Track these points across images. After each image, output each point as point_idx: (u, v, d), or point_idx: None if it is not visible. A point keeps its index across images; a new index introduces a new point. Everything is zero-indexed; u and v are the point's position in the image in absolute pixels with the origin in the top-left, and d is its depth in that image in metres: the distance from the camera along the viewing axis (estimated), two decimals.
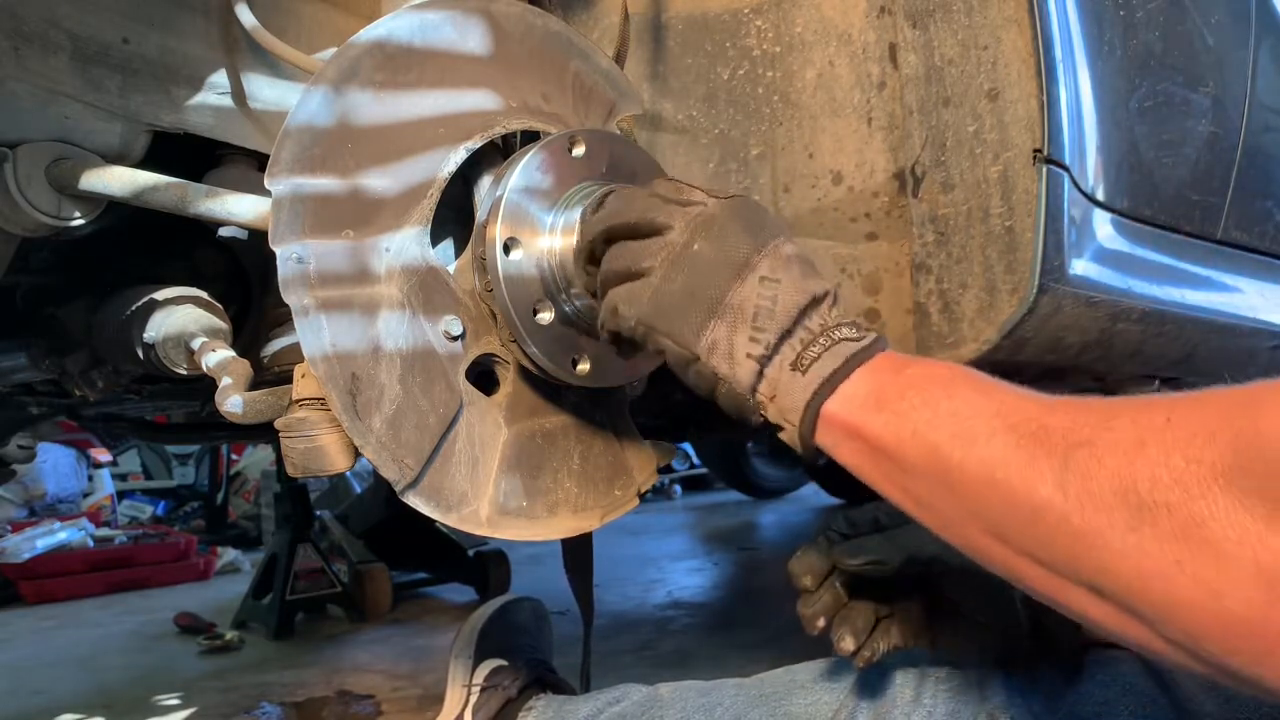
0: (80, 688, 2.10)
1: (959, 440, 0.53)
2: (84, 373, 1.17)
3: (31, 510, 4.19)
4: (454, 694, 1.28)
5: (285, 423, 0.73)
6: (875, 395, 0.59)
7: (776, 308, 0.63)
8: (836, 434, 0.61)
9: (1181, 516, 0.42)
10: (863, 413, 0.59)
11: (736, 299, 0.64)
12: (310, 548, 2.72)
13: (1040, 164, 0.92)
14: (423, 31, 0.78)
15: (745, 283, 0.64)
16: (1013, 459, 0.50)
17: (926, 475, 0.55)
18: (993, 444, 0.51)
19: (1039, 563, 0.50)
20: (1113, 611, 0.46)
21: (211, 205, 0.80)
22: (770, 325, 0.63)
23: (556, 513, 0.84)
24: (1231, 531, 0.41)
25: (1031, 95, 0.92)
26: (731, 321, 0.64)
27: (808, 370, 0.62)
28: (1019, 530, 0.50)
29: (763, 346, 0.63)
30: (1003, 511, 0.51)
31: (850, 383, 0.61)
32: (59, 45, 0.80)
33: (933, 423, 0.55)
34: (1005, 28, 0.93)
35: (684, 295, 0.65)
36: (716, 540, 4.13)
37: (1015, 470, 0.50)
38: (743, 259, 0.64)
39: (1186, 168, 1.15)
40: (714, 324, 0.64)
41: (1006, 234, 0.93)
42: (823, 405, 0.61)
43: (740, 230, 0.66)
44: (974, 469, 0.52)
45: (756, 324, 0.63)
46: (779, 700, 0.91)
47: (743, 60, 1.08)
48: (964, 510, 0.53)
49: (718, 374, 0.65)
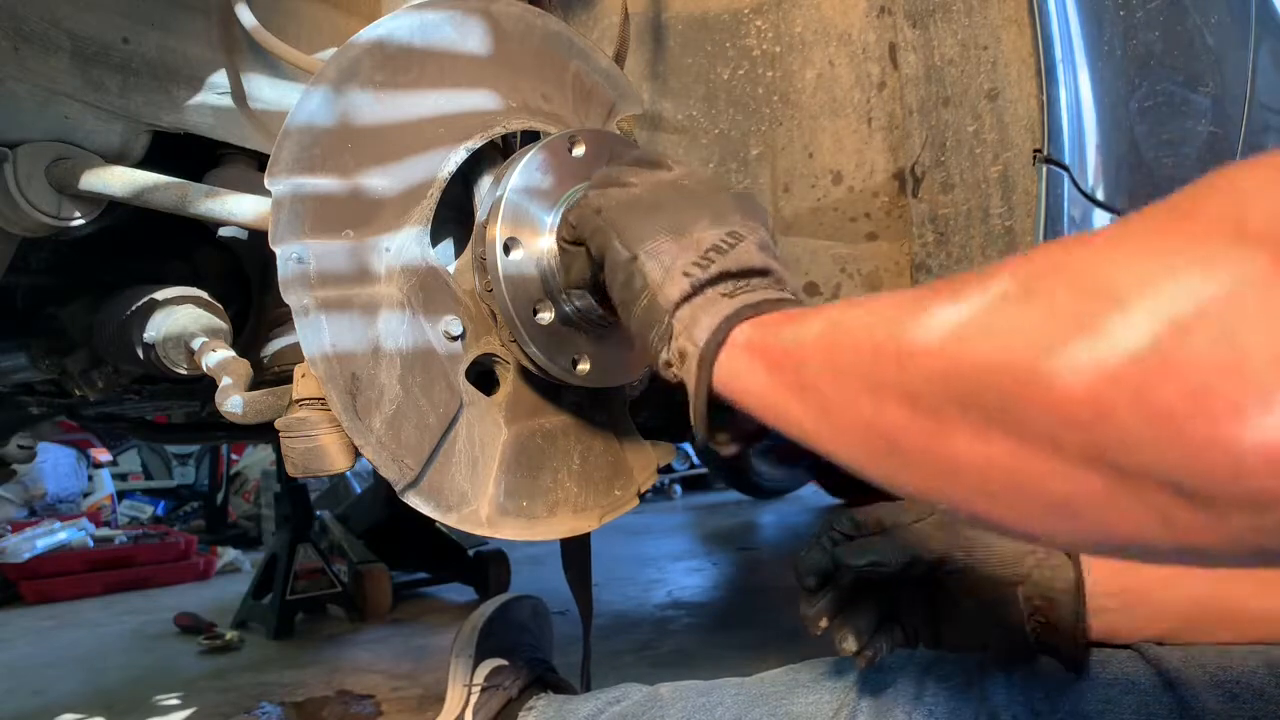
0: (80, 688, 2.09)
1: (853, 310, 0.49)
2: (84, 373, 1.17)
3: (31, 510, 4.19)
4: (454, 693, 1.28)
5: (285, 423, 0.73)
6: (790, 316, 0.56)
7: (731, 252, 0.62)
8: (740, 355, 0.56)
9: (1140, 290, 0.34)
10: (774, 328, 0.56)
11: (698, 234, 0.63)
12: (310, 548, 2.72)
13: (1040, 164, 0.92)
14: (422, 31, 0.78)
15: (714, 227, 0.64)
16: (899, 302, 0.45)
17: (817, 354, 0.50)
18: (886, 300, 0.47)
19: (910, 400, 0.42)
20: (981, 439, 0.39)
21: (211, 205, 0.80)
22: (719, 260, 0.62)
23: (556, 513, 0.84)
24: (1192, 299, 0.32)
25: (1031, 95, 0.92)
26: (684, 244, 0.63)
27: (734, 297, 0.60)
28: (894, 370, 0.43)
29: (704, 272, 0.61)
30: (879, 351, 0.45)
31: (770, 315, 0.57)
32: (59, 45, 0.80)
33: (835, 317, 0.50)
34: (1005, 28, 0.93)
35: (652, 207, 0.65)
36: (716, 540, 4.13)
37: (898, 307, 0.45)
38: (720, 212, 0.65)
39: (1186, 167, 1.15)
40: (666, 239, 0.64)
41: (1006, 234, 0.94)
42: (734, 327, 0.57)
43: (730, 197, 0.67)
44: (859, 319, 0.47)
45: (706, 255, 0.62)
46: (780, 699, 0.91)
47: (743, 60, 1.08)
48: (845, 377, 0.47)
49: (647, 280, 0.63)
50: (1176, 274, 0.33)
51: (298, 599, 2.62)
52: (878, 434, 0.45)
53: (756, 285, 0.61)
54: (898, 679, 0.85)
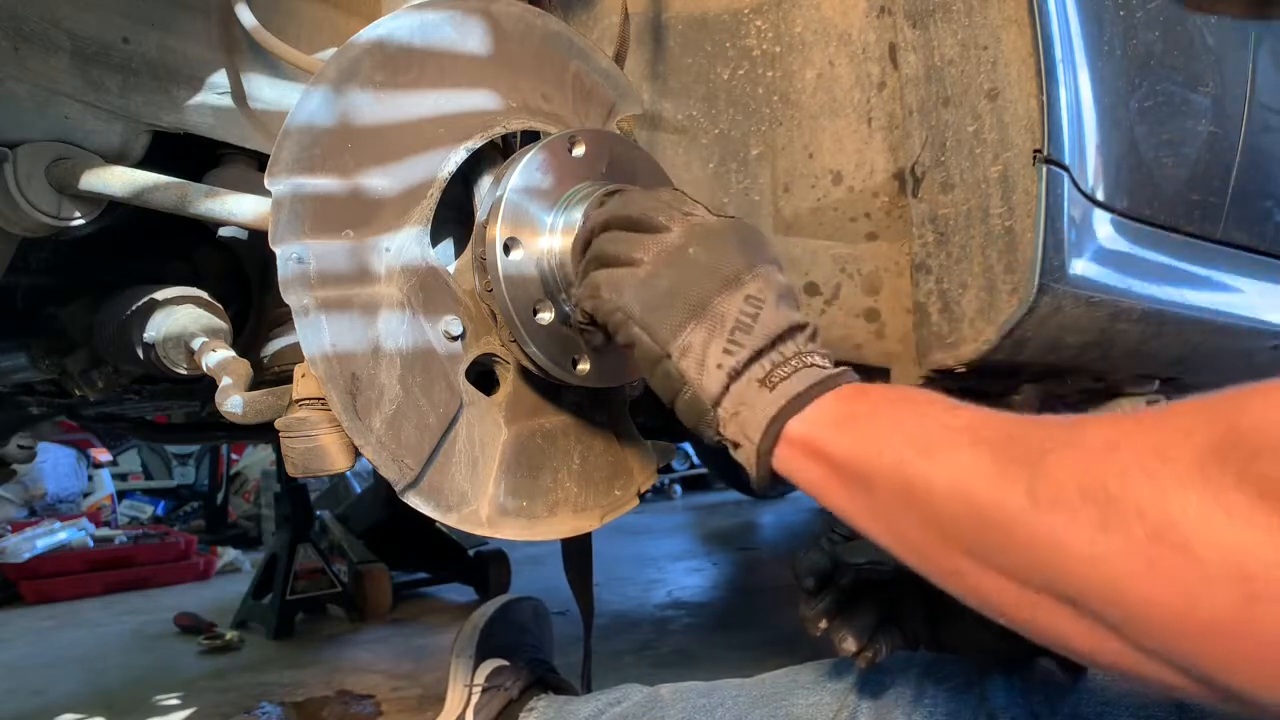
0: (80, 688, 2.09)
1: (926, 454, 0.52)
2: (84, 373, 1.17)
3: (31, 510, 4.19)
4: (455, 694, 1.28)
5: (285, 423, 0.73)
6: (841, 415, 0.58)
7: (756, 325, 0.63)
8: (797, 454, 0.60)
9: (1153, 514, 0.40)
10: (827, 431, 0.58)
11: (720, 308, 0.64)
12: (310, 548, 2.73)
13: (1040, 164, 0.92)
14: (422, 31, 0.78)
15: (731, 296, 0.64)
16: (981, 468, 0.49)
17: (892, 493, 0.54)
18: (960, 455, 0.50)
19: (1008, 576, 0.48)
20: (1085, 625, 0.44)
21: (211, 205, 0.80)
22: (747, 341, 0.63)
23: (557, 512, 0.84)
24: (1205, 529, 0.39)
25: (1031, 95, 0.92)
26: (710, 328, 0.63)
27: (775, 388, 0.61)
28: (987, 542, 0.48)
29: (735, 359, 0.62)
30: (971, 524, 0.49)
31: (816, 405, 0.60)
32: (59, 45, 0.80)
33: (899, 440, 0.54)
34: (1005, 28, 0.93)
35: (669, 293, 0.65)
36: (716, 540, 4.13)
37: (984, 479, 0.48)
38: (733, 273, 0.65)
39: (1186, 167, 1.15)
40: (692, 326, 0.64)
41: (1006, 234, 0.93)
42: (786, 423, 0.60)
43: (736, 247, 0.66)
44: (941, 481, 0.50)
45: (733, 337, 0.63)
46: (780, 701, 0.91)
47: (743, 60, 1.08)
48: (931, 528, 0.52)
49: (685, 377, 0.64)
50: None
51: (298, 599, 2.62)
52: (978, 593, 0.51)
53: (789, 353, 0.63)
54: (897, 681, 0.85)
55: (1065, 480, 0.44)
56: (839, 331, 1.06)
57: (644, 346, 0.66)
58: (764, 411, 0.61)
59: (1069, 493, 0.44)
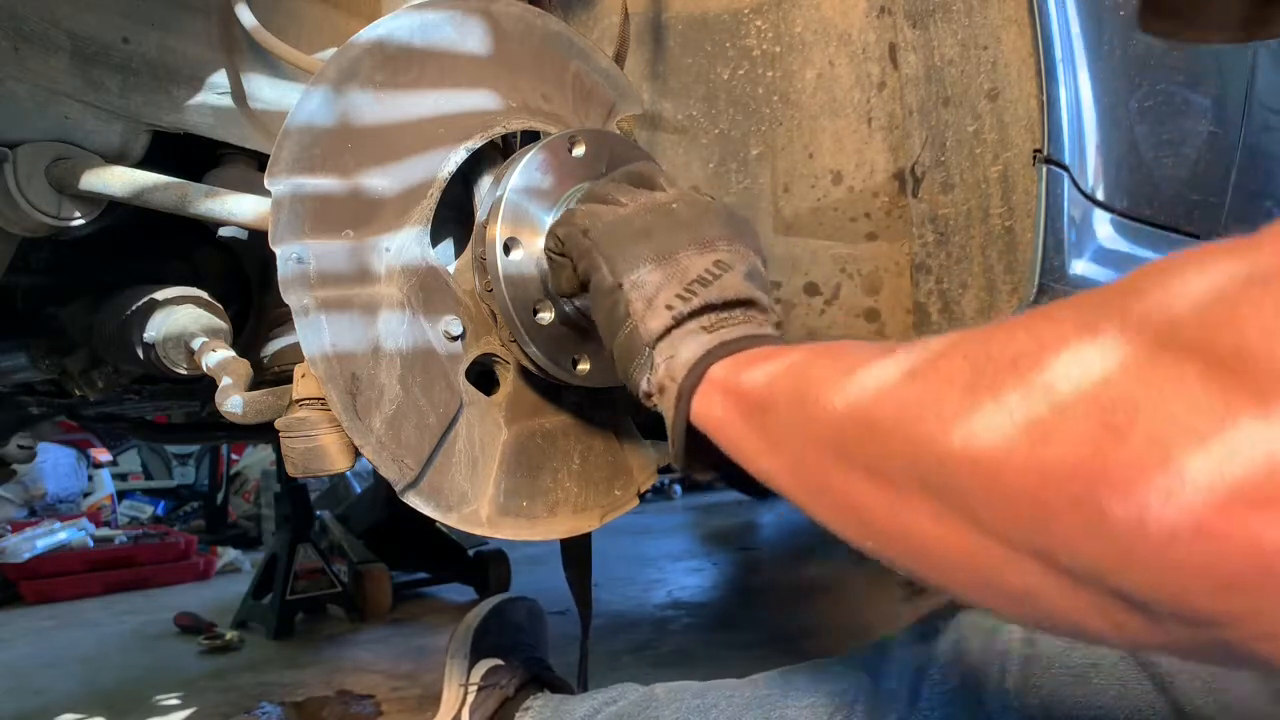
0: (80, 688, 2.09)
1: (830, 356, 0.49)
2: (84, 373, 1.17)
3: (31, 510, 4.19)
4: (451, 693, 1.28)
5: (285, 423, 0.73)
6: (763, 354, 0.56)
7: (715, 284, 0.62)
8: (715, 393, 0.57)
9: (1029, 361, 0.35)
10: (744, 369, 0.56)
11: (685, 261, 0.63)
12: (310, 548, 2.72)
13: (1040, 164, 0.92)
14: (423, 31, 0.78)
15: (700, 255, 0.64)
16: (883, 371, 0.44)
17: (784, 404, 0.50)
18: (856, 353, 0.47)
19: (878, 474, 0.42)
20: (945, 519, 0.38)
21: (211, 205, 0.80)
22: (702, 293, 0.62)
23: (557, 512, 0.84)
24: (1074, 366, 0.34)
25: (1031, 95, 0.92)
26: (668, 273, 0.63)
27: (713, 332, 0.61)
28: (860, 438, 0.43)
29: (685, 305, 0.62)
30: (846, 416, 0.44)
31: (746, 352, 0.58)
32: (59, 45, 0.80)
33: (807, 360, 0.51)
34: (1005, 28, 0.93)
35: (640, 231, 0.65)
36: (716, 540, 4.13)
37: (874, 378, 0.43)
38: (709, 238, 0.65)
39: (1186, 167, 1.15)
40: (652, 267, 0.63)
41: (1006, 234, 0.94)
42: (711, 365, 0.58)
43: (722, 220, 0.67)
44: (824, 377, 0.47)
45: (690, 287, 0.62)
46: (775, 703, 0.91)
47: (743, 60, 1.08)
48: (809, 432, 0.47)
49: (629, 311, 0.63)
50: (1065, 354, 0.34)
51: (298, 599, 2.62)
52: (847, 505, 0.45)
53: (738, 318, 0.62)
54: (893, 683, 0.85)
55: (944, 355, 0.40)
56: (839, 331, 1.06)
57: (599, 275, 0.65)
58: (695, 349, 0.60)
59: (945, 365, 0.39)
